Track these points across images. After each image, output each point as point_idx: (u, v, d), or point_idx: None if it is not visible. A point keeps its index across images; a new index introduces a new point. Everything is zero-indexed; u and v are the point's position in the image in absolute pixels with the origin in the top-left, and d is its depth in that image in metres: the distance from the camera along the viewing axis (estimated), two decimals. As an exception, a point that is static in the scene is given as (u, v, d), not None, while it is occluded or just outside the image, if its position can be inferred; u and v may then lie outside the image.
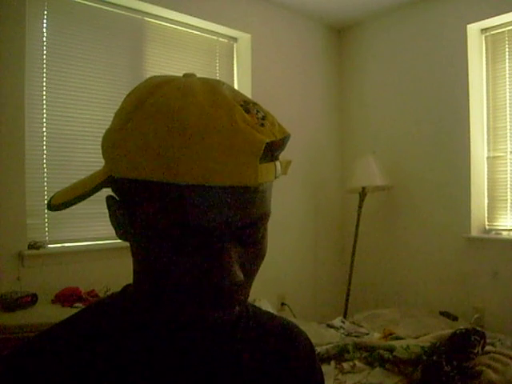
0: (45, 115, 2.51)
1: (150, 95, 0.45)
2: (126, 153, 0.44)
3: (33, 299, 2.10)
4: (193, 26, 3.12)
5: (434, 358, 1.97)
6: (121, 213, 0.49)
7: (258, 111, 0.45)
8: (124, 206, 0.48)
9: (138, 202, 0.45)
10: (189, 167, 0.40)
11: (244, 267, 0.46)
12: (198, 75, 0.50)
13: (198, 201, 0.42)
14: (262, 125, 0.44)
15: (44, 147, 2.51)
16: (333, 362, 2.17)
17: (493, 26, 3.16)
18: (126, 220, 0.48)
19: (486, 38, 3.23)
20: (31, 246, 2.35)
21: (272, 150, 0.45)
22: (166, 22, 3.01)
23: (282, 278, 3.44)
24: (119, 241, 0.51)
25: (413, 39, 3.50)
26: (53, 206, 0.49)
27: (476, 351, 2.00)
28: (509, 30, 3.10)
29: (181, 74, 0.50)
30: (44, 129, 2.51)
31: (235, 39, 3.40)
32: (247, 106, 0.45)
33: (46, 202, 2.50)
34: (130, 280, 0.54)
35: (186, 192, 0.42)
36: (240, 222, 0.44)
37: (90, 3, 2.67)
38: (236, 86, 3.41)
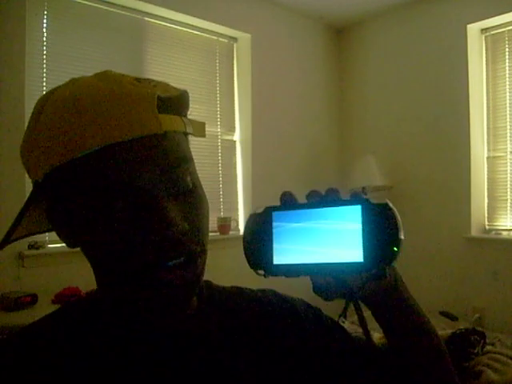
0: (45, 115, 2.51)
1: (45, 102, 0.46)
2: (36, 153, 0.44)
3: (33, 299, 2.09)
4: (193, 26, 3.12)
5: (434, 357, 1.96)
6: (58, 216, 0.48)
7: (150, 82, 0.48)
8: (57, 205, 0.47)
9: (67, 191, 0.45)
10: (92, 133, 0.42)
11: (188, 219, 0.46)
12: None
13: (117, 160, 0.43)
14: (155, 86, 0.47)
15: (44, 147, 2.51)
16: (333, 362, 2.17)
17: (493, 26, 3.16)
18: (65, 219, 0.48)
19: (485, 38, 3.23)
20: (31, 246, 2.35)
21: (172, 105, 0.47)
22: (166, 22, 3.01)
23: (282, 278, 3.44)
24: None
25: (413, 39, 3.50)
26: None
27: (476, 351, 2.00)
28: (509, 30, 3.10)
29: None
30: (44, 129, 2.51)
31: (235, 39, 3.40)
32: (138, 79, 0.48)
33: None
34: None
35: (102, 157, 0.42)
36: (163, 168, 0.45)
37: (89, 3, 2.67)
38: (236, 86, 3.41)
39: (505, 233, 3.14)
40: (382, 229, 0.44)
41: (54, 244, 2.50)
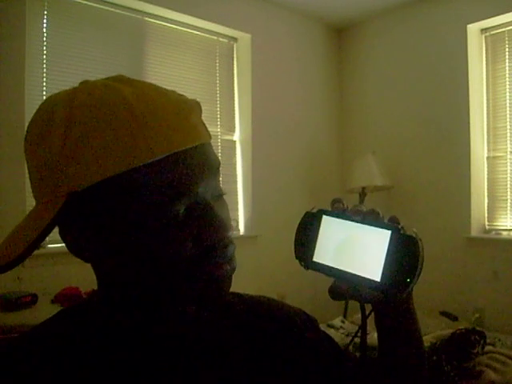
0: (45, 115, 2.51)
1: (69, 108, 0.43)
2: (82, 162, 0.42)
3: (33, 299, 2.09)
4: (193, 26, 3.12)
5: (434, 358, 1.97)
6: (93, 229, 0.46)
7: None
8: (99, 216, 0.45)
9: (119, 199, 0.43)
10: (157, 140, 0.42)
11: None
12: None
13: (178, 167, 0.43)
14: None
15: (44, 147, 2.50)
16: (333, 362, 2.17)
17: (493, 26, 3.15)
18: (101, 233, 0.45)
19: (485, 38, 3.23)
20: (31, 246, 2.35)
21: None
22: (166, 22, 3.01)
23: (282, 278, 3.44)
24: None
25: (413, 39, 3.50)
26: (2, 267, 0.45)
27: (476, 351, 2.00)
28: (509, 30, 3.10)
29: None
30: (44, 129, 2.51)
31: (235, 39, 3.40)
32: None
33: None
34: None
35: (165, 164, 0.43)
36: (210, 174, 0.47)
37: (89, 3, 2.67)
38: (236, 86, 3.41)
39: (505, 233, 3.14)
40: (403, 259, 0.48)
41: (54, 244, 2.50)
